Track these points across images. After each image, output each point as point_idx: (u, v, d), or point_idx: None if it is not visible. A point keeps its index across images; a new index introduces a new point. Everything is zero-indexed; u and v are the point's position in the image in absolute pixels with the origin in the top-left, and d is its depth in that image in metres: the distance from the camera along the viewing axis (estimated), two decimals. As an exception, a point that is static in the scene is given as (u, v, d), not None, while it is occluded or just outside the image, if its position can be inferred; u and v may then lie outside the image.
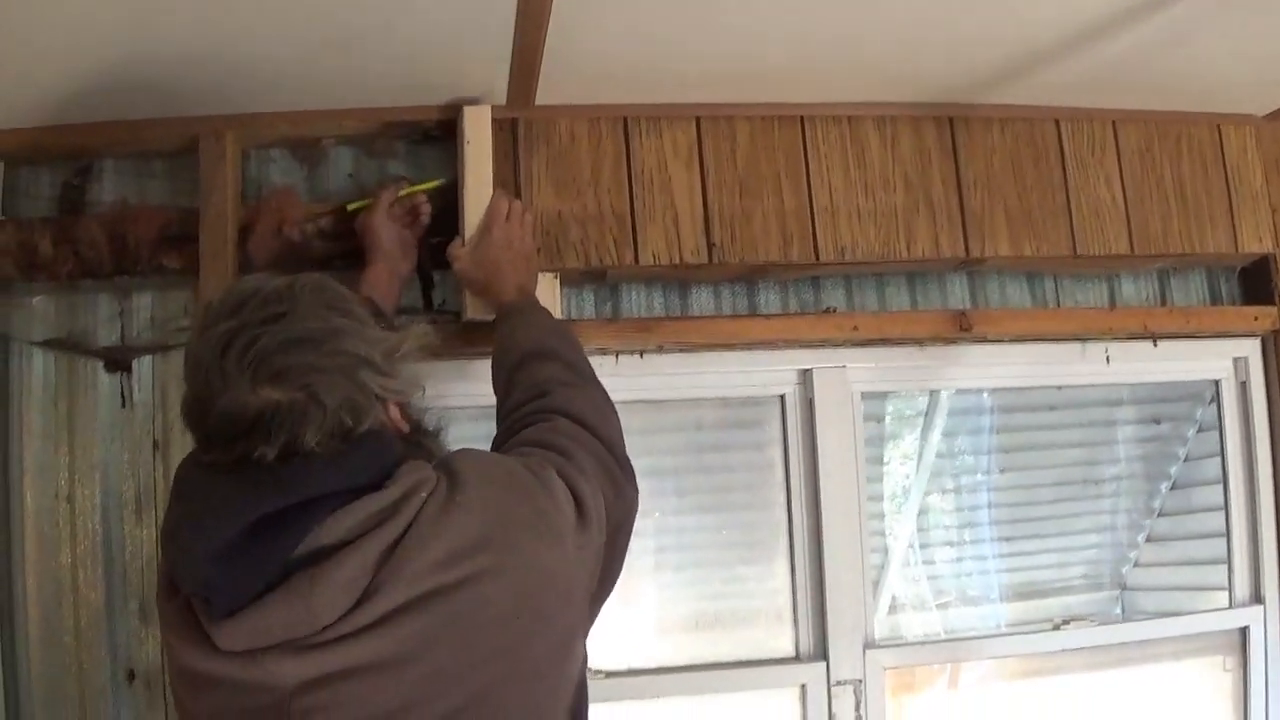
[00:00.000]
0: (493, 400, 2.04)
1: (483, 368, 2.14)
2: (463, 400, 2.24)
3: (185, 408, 1.33)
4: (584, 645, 1.50)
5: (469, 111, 2.19)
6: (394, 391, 1.40)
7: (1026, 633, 2.69)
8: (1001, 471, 2.80)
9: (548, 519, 1.43)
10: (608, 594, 1.56)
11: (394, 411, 1.43)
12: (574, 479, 1.50)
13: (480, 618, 1.31)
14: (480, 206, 2.14)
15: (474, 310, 2.14)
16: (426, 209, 2.17)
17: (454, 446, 1.63)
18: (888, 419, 2.73)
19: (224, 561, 1.23)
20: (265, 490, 1.25)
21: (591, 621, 1.52)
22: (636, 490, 1.67)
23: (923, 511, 2.80)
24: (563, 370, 1.78)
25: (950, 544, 2.81)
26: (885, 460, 2.74)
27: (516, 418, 1.70)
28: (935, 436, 2.75)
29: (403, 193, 2.15)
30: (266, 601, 1.24)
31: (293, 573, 1.25)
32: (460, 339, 2.18)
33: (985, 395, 2.75)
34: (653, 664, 2.42)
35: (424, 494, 1.34)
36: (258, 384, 1.26)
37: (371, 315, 1.44)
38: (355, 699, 1.26)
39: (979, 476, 2.81)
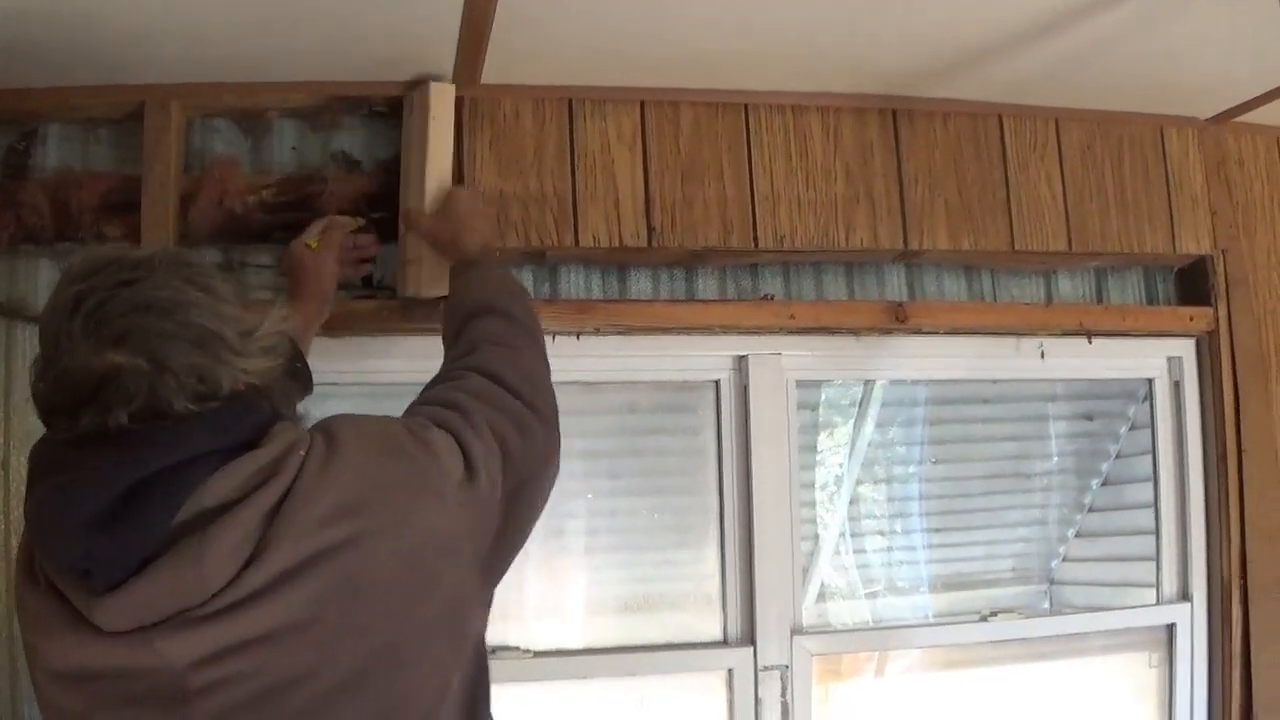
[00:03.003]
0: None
1: (418, 344, 2.18)
2: (399, 376, 2.24)
3: (33, 372, 1.30)
4: (482, 611, 1.50)
5: (435, 88, 2.19)
6: (246, 373, 1.34)
7: (954, 623, 2.72)
8: (934, 462, 2.82)
9: (425, 477, 1.42)
10: (510, 552, 1.54)
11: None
12: (463, 434, 1.49)
13: (367, 578, 1.31)
14: (441, 182, 2.16)
15: (414, 287, 2.15)
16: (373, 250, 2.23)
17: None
18: (821, 407, 2.74)
19: (103, 528, 1.19)
20: (139, 452, 1.23)
21: (489, 583, 1.51)
22: (555, 442, 1.66)
23: (854, 500, 2.82)
24: (502, 327, 1.77)
25: (880, 533, 2.83)
26: (818, 449, 2.75)
27: (442, 375, 1.71)
28: (868, 426, 2.77)
29: (351, 229, 2.17)
30: (153, 570, 1.21)
31: (178, 539, 1.23)
32: (399, 315, 2.19)
33: (919, 386, 2.77)
34: (581, 645, 2.44)
35: (301, 452, 1.33)
36: (101, 346, 1.23)
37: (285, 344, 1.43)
38: (254, 670, 1.25)
39: (911, 467, 2.83)
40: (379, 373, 2.26)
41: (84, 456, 1.23)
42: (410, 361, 2.20)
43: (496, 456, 1.51)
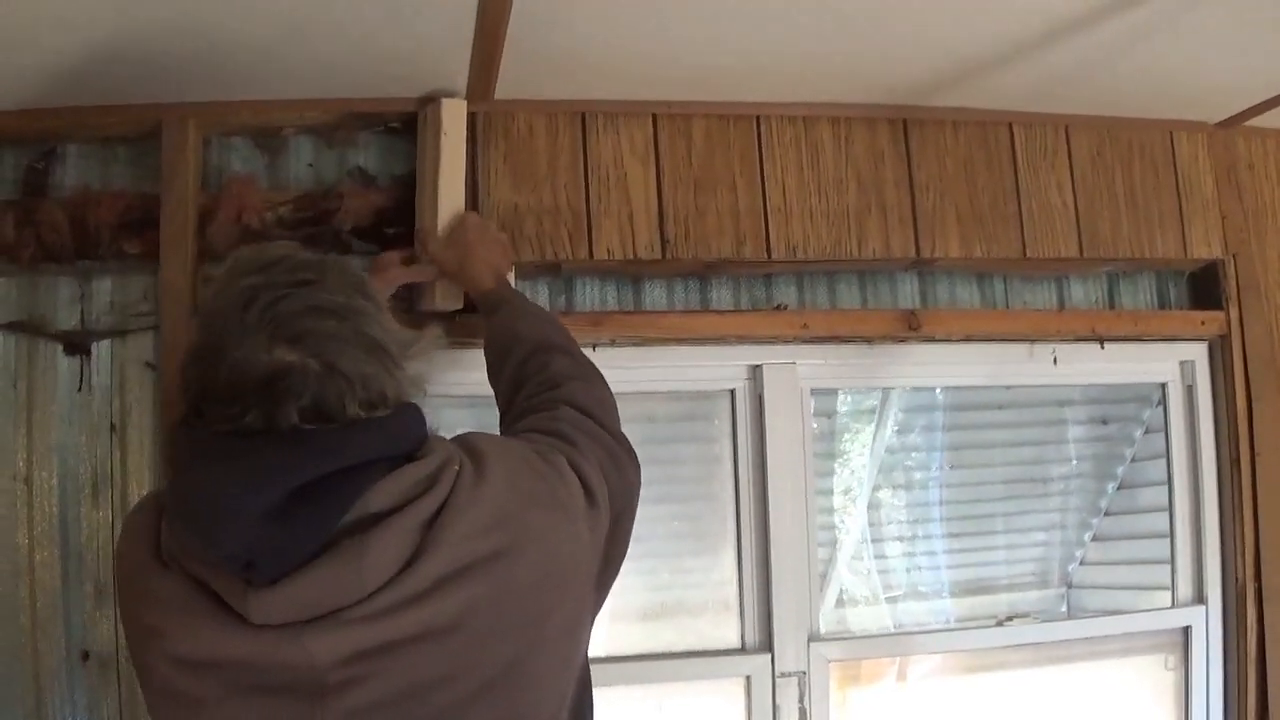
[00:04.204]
0: (458, 389, 2.15)
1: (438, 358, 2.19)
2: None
3: (191, 358, 1.31)
4: (589, 632, 1.53)
5: (447, 104, 2.20)
6: (403, 383, 1.38)
7: (970, 628, 2.73)
8: (950, 468, 2.83)
9: (557, 495, 1.46)
10: (613, 579, 1.58)
11: None
12: (580, 465, 1.53)
13: (511, 589, 1.34)
14: (455, 198, 2.17)
15: (432, 301, 2.17)
16: None
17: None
18: (839, 414, 2.76)
19: (273, 523, 1.20)
20: (317, 452, 1.24)
21: (597, 606, 1.55)
22: (639, 476, 1.70)
23: (872, 506, 2.83)
24: (570, 364, 1.82)
25: (899, 539, 2.84)
26: (836, 455, 2.77)
27: (527, 408, 1.73)
28: (886, 433, 2.79)
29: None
30: (314, 568, 1.22)
31: (339, 540, 1.24)
32: (415, 330, 2.20)
33: (937, 392, 2.79)
34: (602, 653, 2.44)
35: (456, 467, 1.35)
36: (275, 343, 1.25)
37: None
38: (394, 671, 1.26)
39: (929, 473, 2.84)
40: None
41: (256, 450, 1.24)
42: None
43: (604, 486, 1.55)
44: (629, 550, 2.44)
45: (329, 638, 1.23)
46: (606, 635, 2.48)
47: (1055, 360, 2.60)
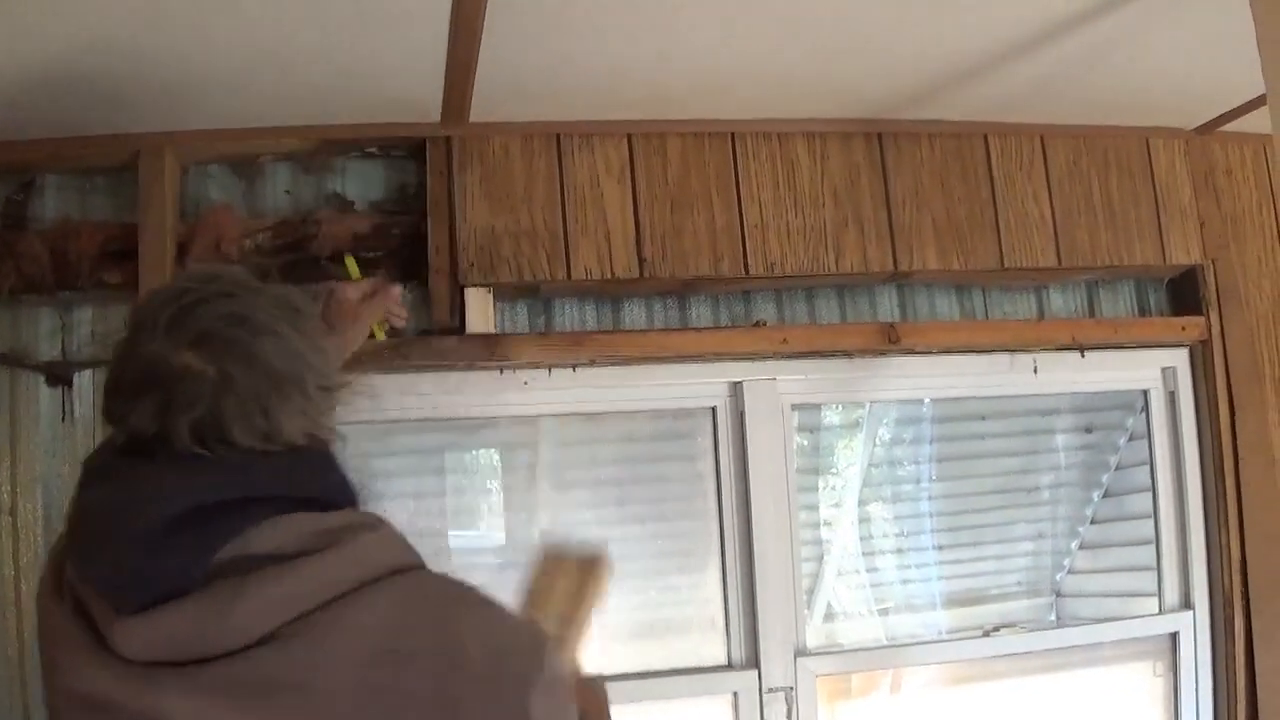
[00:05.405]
0: (412, 413, 2.17)
1: (418, 381, 2.20)
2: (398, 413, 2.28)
3: (111, 352, 1.24)
4: None
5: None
6: (315, 424, 1.27)
7: (955, 640, 2.73)
8: (932, 480, 2.83)
9: (496, 629, 1.27)
10: None
11: None
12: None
13: (407, 697, 1.16)
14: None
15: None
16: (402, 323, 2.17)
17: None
18: (824, 429, 2.76)
19: (153, 547, 1.13)
20: (206, 478, 1.17)
21: None
22: None
23: (861, 520, 2.82)
24: None
25: (887, 551, 2.84)
26: (821, 470, 2.77)
27: None
28: (871, 446, 2.79)
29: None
30: (184, 603, 1.13)
31: (214, 579, 1.14)
32: (396, 354, 2.22)
33: (926, 402, 2.79)
34: (589, 672, 2.45)
35: (369, 535, 1.23)
36: (179, 343, 1.18)
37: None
38: None
39: (915, 485, 2.84)
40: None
41: (143, 472, 1.18)
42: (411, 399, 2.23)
43: None
44: (615, 568, 2.48)
45: (187, 692, 1.13)
46: (594, 654, 2.48)
47: (1035, 370, 2.60)
